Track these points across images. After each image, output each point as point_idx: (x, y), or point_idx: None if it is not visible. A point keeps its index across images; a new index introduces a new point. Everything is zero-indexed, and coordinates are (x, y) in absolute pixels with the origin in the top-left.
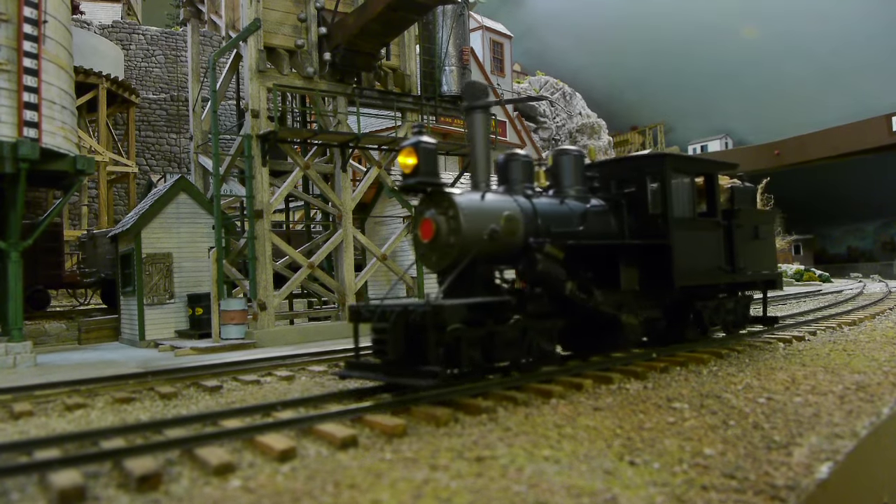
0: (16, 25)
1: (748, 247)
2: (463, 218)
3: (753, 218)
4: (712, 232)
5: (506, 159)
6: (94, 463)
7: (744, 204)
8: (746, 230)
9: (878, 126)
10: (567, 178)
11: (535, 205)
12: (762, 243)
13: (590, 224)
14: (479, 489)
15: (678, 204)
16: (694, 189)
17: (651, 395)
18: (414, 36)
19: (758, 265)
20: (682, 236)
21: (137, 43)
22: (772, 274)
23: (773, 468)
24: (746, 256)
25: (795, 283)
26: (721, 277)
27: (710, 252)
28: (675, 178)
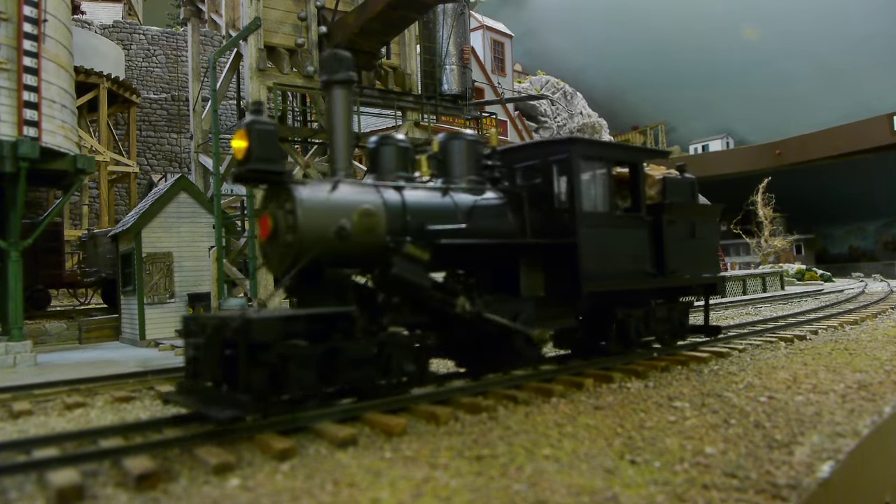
0: (16, 24)
1: (683, 247)
2: (301, 213)
3: (690, 214)
4: (634, 230)
5: (377, 144)
6: (92, 462)
7: (679, 197)
8: (681, 228)
9: (880, 126)
10: (457, 166)
11: (405, 198)
12: (701, 243)
13: (479, 220)
14: (479, 488)
15: (589, 197)
16: (610, 180)
17: (652, 393)
18: (414, 35)
19: (695, 267)
20: (592, 234)
21: (138, 43)
22: (712, 277)
23: (775, 467)
24: (680, 258)
25: (797, 282)
26: (645, 282)
27: (630, 253)
28: (587, 166)
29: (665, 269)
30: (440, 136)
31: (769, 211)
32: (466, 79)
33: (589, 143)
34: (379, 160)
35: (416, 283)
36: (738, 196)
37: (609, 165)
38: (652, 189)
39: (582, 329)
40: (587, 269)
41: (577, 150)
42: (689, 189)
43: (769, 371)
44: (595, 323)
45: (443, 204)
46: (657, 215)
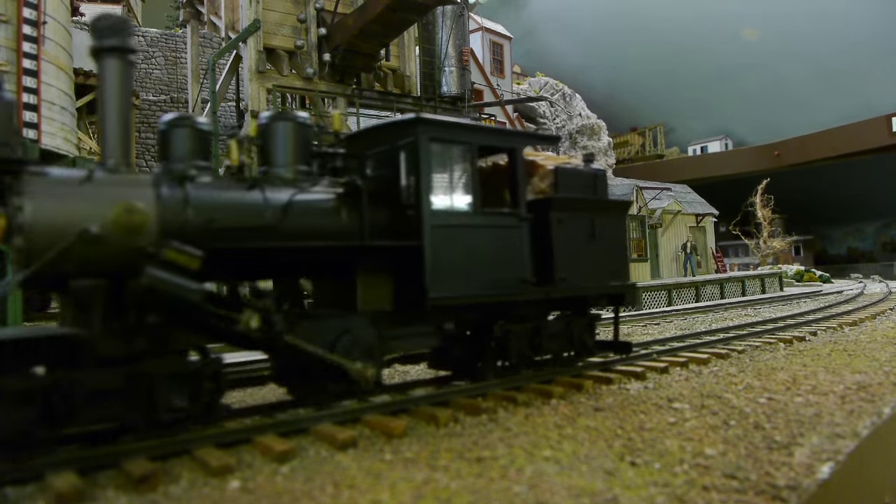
0: (15, 26)
1: (579, 250)
2: (32, 209)
3: (589, 211)
4: (506, 230)
5: (167, 126)
6: (91, 463)
7: (574, 191)
8: (576, 228)
9: (878, 127)
10: (281, 154)
11: (188, 192)
12: (604, 245)
13: (298, 219)
14: (479, 490)
15: (442, 189)
16: (474, 168)
17: (652, 395)
18: (413, 37)
19: (596, 274)
20: (444, 235)
21: (137, 44)
22: (619, 286)
23: (775, 468)
24: (575, 263)
25: (796, 283)
26: (522, 292)
27: (499, 258)
28: (440, 152)
29: (553, 277)
30: (262, 116)
31: (768, 212)
32: (465, 80)
33: (441, 123)
34: (170, 146)
35: (178, 296)
36: (736, 197)
37: (472, 151)
38: (544, 182)
39: (462, 347)
40: (434, 277)
41: (426, 133)
42: (590, 182)
43: (768, 372)
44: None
45: (245, 199)
46: (543, 213)
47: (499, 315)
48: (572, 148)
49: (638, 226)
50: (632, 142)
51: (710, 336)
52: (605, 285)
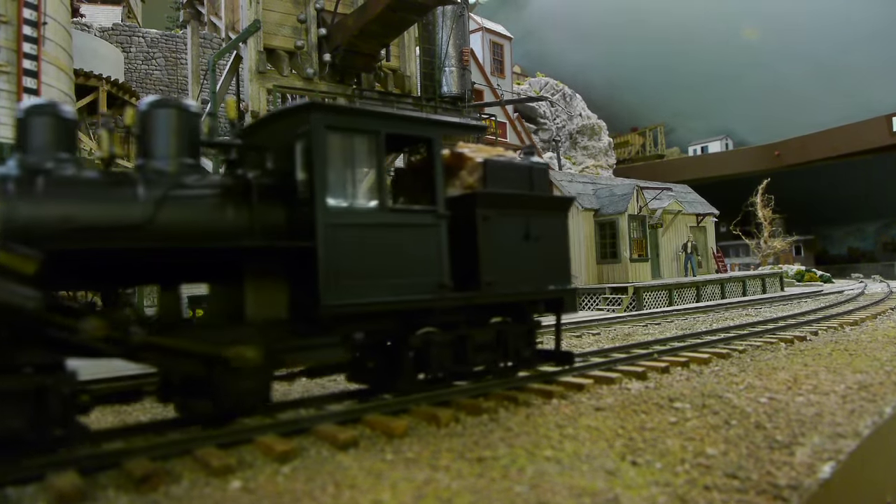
0: (15, 27)
1: (511, 251)
2: None
3: (524, 208)
4: (421, 230)
5: (24, 114)
6: (93, 463)
7: (507, 186)
8: (506, 226)
9: (879, 126)
10: (161, 145)
11: (37, 186)
12: (540, 246)
13: (172, 217)
14: (481, 490)
15: (342, 184)
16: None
17: (653, 394)
18: (414, 37)
19: (531, 277)
20: (343, 235)
21: (137, 45)
22: (557, 290)
23: (776, 468)
24: (505, 265)
25: (797, 283)
26: (439, 299)
27: (413, 260)
28: (338, 142)
29: (479, 281)
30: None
31: (768, 212)
32: (466, 81)
33: (340, 109)
34: (28, 137)
35: (7, 304)
36: (737, 197)
37: (379, 141)
38: (472, 176)
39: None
40: (331, 282)
41: (321, 120)
42: (525, 176)
43: (770, 372)
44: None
45: (111, 195)
46: (467, 210)
47: (419, 323)
48: (573, 148)
49: (638, 226)
50: (632, 142)
51: (710, 336)
52: (540, 290)
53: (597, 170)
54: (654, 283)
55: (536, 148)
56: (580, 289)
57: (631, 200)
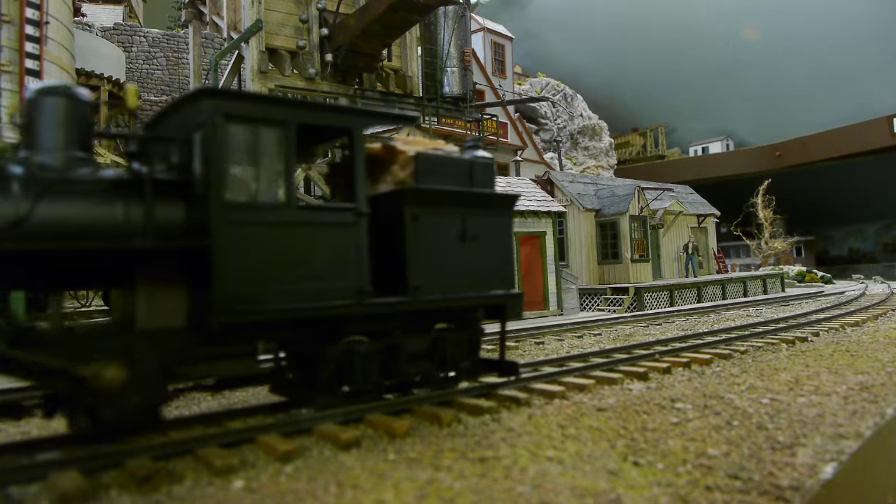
0: (18, 27)
1: (445, 253)
2: None
3: (461, 206)
4: (337, 229)
5: None
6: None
7: (442, 182)
8: (440, 226)
9: (880, 127)
10: (47, 136)
11: None
12: (480, 247)
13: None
14: (483, 490)
15: (242, 178)
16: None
17: (654, 395)
18: (415, 37)
19: (468, 282)
20: (242, 235)
21: (139, 45)
22: (499, 295)
23: (778, 469)
24: (438, 268)
25: (798, 284)
26: (357, 305)
27: (326, 263)
28: (241, 133)
29: (406, 286)
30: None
31: (769, 213)
32: (467, 81)
33: (242, 96)
34: None
35: None
36: (738, 198)
37: (288, 132)
38: (405, 171)
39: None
40: (228, 287)
41: (218, 108)
42: (464, 171)
43: (771, 372)
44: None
45: None
46: (396, 208)
47: (340, 332)
48: (574, 149)
49: (640, 226)
50: (633, 142)
51: (712, 336)
52: (478, 295)
53: (598, 170)
54: (656, 284)
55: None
56: (582, 288)
57: (632, 201)
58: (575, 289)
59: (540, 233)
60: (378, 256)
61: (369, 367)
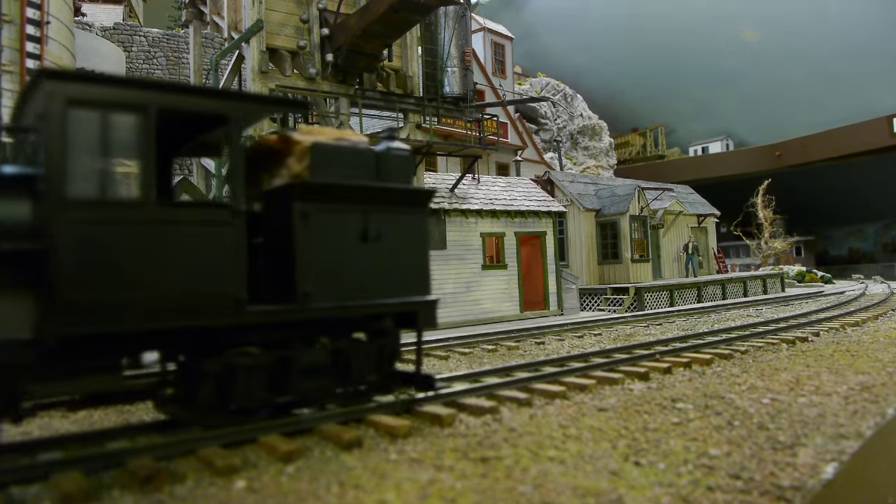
0: (19, 26)
1: (342, 256)
2: None
3: (363, 202)
4: (207, 229)
5: None
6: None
7: (343, 176)
8: (336, 225)
9: (879, 127)
10: None
11: None
12: (384, 249)
13: None
14: (485, 490)
15: (89, 171)
16: (150, 144)
17: (655, 395)
18: (416, 37)
19: (371, 288)
20: (87, 236)
21: (139, 45)
22: (408, 302)
23: (779, 469)
24: (334, 273)
25: (797, 284)
26: (231, 315)
27: (194, 267)
28: (87, 120)
29: (297, 292)
30: None
31: (769, 213)
32: (468, 81)
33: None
34: None
35: None
36: (738, 198)
37: (148, 119)
38: (301, 163)
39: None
40: (67, 294)
41: (58, 92)
42: (370, 164)
43: (771, 373)
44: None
45: None
46: (284, 205)
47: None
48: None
49: (640, 226)
50: (633, 142)
51: (712, 336)
52: (382, 303)
53: (598, 170)
54: (656, 284)
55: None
56: (582, 288)
57: (632, 201)
58: (575, 289)
59: (540, 233)
60: (270, 260)
61: (254, 382)
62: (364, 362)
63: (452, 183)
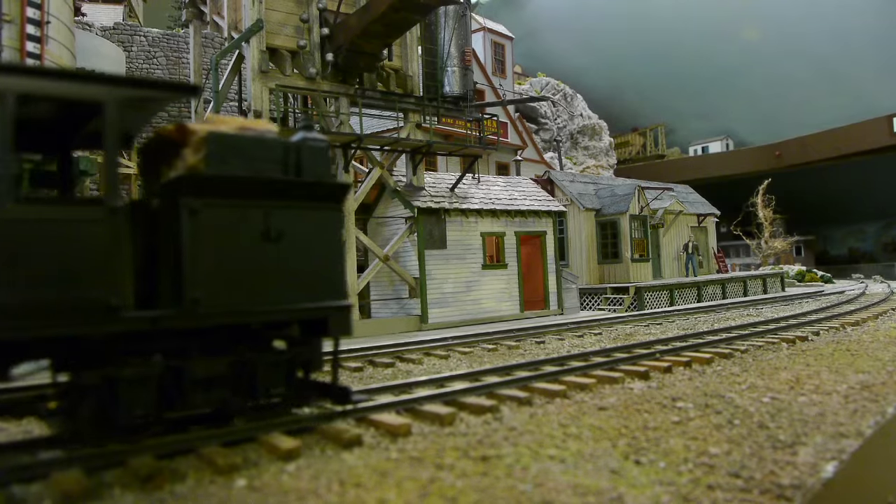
0: (19, 26)
1: (239, 256)
2: None
3: (264, 198)
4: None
5: None
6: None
7: (245, 169)
8: (232, 223)
9: (879, 127)
10: None
11: None
12: (290, 250)
13: None
14: (485, 488)
15: None
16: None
17: (655, 394)
18: (416, 37)
19: (274, 292)
20: None
21: (139, 45)
22: (317, 308)
23: (779, 467)
24: (230, 276)
25: (798, 283)
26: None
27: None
28: None
29: (184, 298)
30: None
31: (769, 212)
32: (468, 80)
33: None
34: None
35: None
36: (738, 197)
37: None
38: (197, 154)
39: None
40: None
41: None
42: (279, 156)
43: (772, 372)
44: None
45: None
46: (172, 201)
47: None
48: (574, 148)
49: (640, 226)
50: (633, 142)
51: (712, 336)
52: (287, 308)
53: (598, 170)
54: (656, 283)
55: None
56: (582, 288)
57: (632, 200)
58: (575, 288)
59: (540, 232)
60: (165, 262)
61: (143, 397)
62: (271, 373)
63: (452, 182)
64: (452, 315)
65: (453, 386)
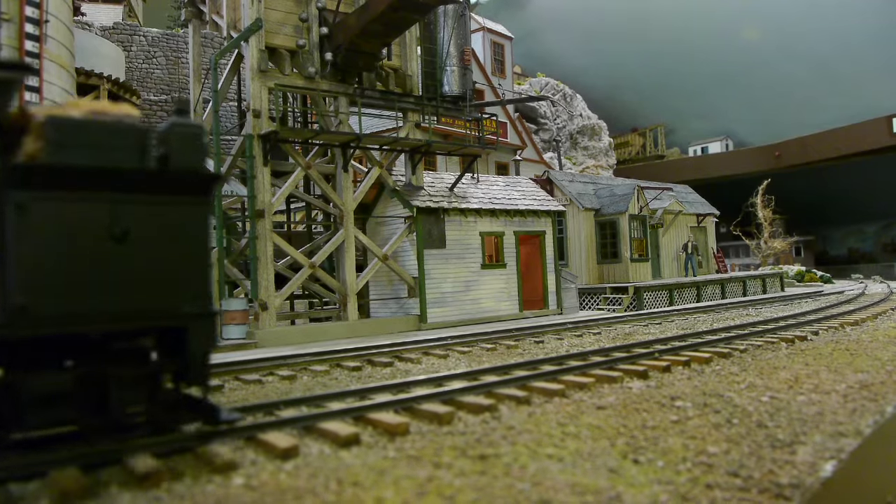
0: (18, 25)
1: (82, 257)
2: None
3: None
4: None
5: None
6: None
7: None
8: (69, 220)
9: (879, 127)
10: None
11: None
12: (144, 251)
13: None
14: (483, 487)
15: None
16: None
17: (654, 393)
18: (415, 36)
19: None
20: None
21: (138, 44)
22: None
23: (778, 467)
24: (68, 280)
25: (797, 284)
26: None
27: None
28: None
29: (7, 305)
30: None
31: (769, 213)
32: (467, 80)
33: None
34: None
35: None
36: (737, 198)
37: None
38: (38, 142)
39: None
40: None
41: None
42: (136, 144)
43: (771, 371)
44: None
45: None
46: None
47: None
48: (573, 148)
49: (639, 226)
50: (632, 142)
51: (711, 335)
52: (133, 316)
53: (597, 170)
54: (655, 283)
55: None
56: (582, 288)
57: (631, 200)
58: (574, 288)
59: (539, 232)
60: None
61: None
62: (128, 390)
63: (451, 182)
64: (451, 315)
65: (452, 385)
